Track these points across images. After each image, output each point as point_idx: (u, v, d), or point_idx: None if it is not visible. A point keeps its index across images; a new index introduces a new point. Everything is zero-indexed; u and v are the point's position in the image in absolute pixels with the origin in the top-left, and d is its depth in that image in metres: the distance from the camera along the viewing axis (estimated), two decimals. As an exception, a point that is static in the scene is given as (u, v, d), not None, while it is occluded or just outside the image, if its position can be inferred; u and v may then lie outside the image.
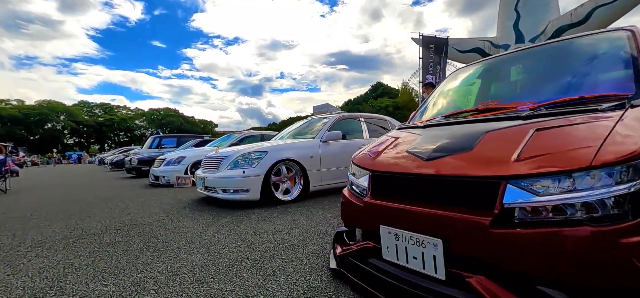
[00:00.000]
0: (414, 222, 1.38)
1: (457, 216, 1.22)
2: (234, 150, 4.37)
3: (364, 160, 1.91)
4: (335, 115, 5.23)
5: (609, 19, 31.64)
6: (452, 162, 1.38)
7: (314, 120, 5.72)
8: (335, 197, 4.59)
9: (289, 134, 5.77)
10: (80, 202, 5.25)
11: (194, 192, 5.80)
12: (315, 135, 4.80)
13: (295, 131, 5.67)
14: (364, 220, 1.73)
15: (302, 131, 5.48)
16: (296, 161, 4.31)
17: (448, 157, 1.42)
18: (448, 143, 1.54)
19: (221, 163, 4.25)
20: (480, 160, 1.30)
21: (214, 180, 4.19)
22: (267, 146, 4.29)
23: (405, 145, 1.79)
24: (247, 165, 4.05)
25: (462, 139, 1.52)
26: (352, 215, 1.87)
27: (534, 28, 37.95)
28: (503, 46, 40.19)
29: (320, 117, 5.68)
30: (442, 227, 1.27)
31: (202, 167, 4.76)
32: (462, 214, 1.21)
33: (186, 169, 7.21)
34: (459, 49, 43.49)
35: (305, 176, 4.38)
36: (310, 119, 6.01)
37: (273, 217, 3.45)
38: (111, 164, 15.76)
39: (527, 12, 38.09)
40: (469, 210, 1.24)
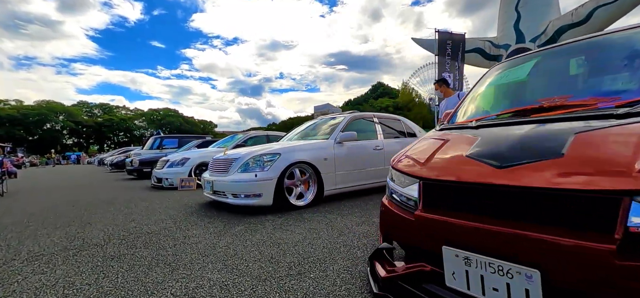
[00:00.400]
0: (496, 244, 1.12)
1: (565, 241, 0.96)
2: (244, 152, 4.10)
3: (411, 166, 1.65)
4: (348, 114, 4.97)
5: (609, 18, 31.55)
6: (538, 171, 1.12)
7: (324, 121, 5.46)
8: (350, 202, 4.33)
9: (298, 134, 5.51)
10: (81, 206, 4.97)
11: (200, 196, 5.54)
12: (329, 136, 4.54)
13: (304, 132, 5.41)
14: (416, 237, 1.46)
15: (312, 132, 5.22)
16: (310, 163, 4.05)
17: (531, 165, 1.16)
18: (524, 147, 1.28)
19: (231, 166, 3.98)
20: (582, 169, 1.04)
21: (223, 184, 3.92)
22: (279, 148, 4.02)
23: (461, 149, 1.53)
24: (259, 168, 3.79)
25: (543, 142, 1.26)
26: (398, 230, 1.62)
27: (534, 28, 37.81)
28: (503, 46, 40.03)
29: (331, 116, 5.42)
30: (540, 254, 1.01)
31: (210, 170, 4.50)
32: (571, 239, 0.95)
33: (190, 171, 6.94)
34: (460, 49, 42.92)
35: (319, 179, 4.11)
36: (320, 119, 5.75)
37: (289, 225, 3.19)
38: (111, 165, 15.47)
39: (528, 12, 37.96)
40: (574, 232, 0.99)
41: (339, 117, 5.09)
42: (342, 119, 4.86)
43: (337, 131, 4.54)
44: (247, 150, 4.25)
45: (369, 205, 4.13)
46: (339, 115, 5.19)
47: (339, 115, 5.18)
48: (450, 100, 4.33)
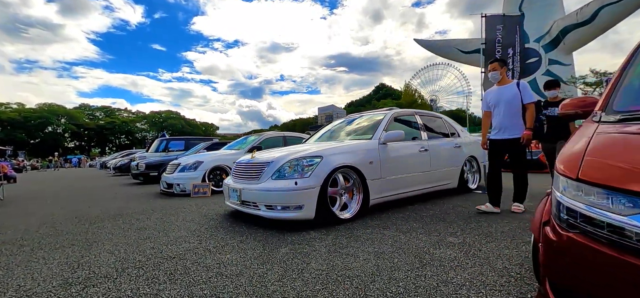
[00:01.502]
0: None
1: None
2: (278, 155, 3.45)
3: (622, 175, 1.01)
4: (389, 110, 4.32)
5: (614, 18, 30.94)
6: None
7: (354, 119, 4.82)
8: (396, 212, 3.69)
9: (324, 135, 4.88)
10: (85, 218, 4.32)
11: (218, 204, 4.88)
12: (371, 135, 3.89)
13: (330, 132, 4.79)
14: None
15: (342, 131, 4.59)
16: (355, 168, 3.41)
17: None
18: None
19: (263, 172, 3.33)
20: None
21: (254, 193, 3.27)
22: (317, 150, 3.37)
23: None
24: (298, 174, 3.14)
25: None
26: (604, 288, 0.98)
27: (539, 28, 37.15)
28: (507, 46, 38.92)
29: (367, 114, 4.78)
30: None
31: (234, 176, 3.84)
32: None
33: (204, 176, 6.28)
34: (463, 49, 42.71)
35: (364, 186, 3.47)
36: (350, 117, 5.11)
37: (345, 246, 2.54)
38: (115, 169, 14.79)
39: (532, 12, 37.35)
40: None
41: (377, 113, 4.45)
42: (382, 116, 4.22)
43: (380, 130, 3.90)
44: (280, 153, 3.60)
45: (422, 215, 3.49)
46: (378, 112, 4.54)
47: (377, 112, 4.53)
48: (505, 90, 3.54)
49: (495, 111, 3.63)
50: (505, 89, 3.56)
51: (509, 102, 3.48)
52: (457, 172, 4.71)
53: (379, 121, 4.10)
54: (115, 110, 76.87)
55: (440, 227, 3.01)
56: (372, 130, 4.05)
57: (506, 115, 3.49)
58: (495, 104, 3.60)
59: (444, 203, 4.17)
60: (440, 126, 4.85)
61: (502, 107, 3.51)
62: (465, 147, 4.93)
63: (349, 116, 5.21)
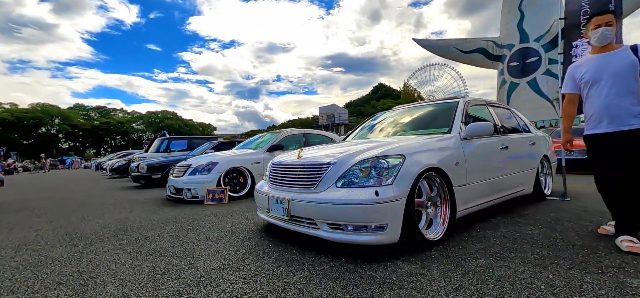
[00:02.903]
0: None
1: None
2: (340, 153, 2.55)
3: None
4: (461, 98, 3.44)
5: (615, 17, 30.42)
6: None
7: (407, 109, 3.96)
8: (485, 229, 2.82)
9: (371, 129, 4.00)
10: (78, 236, 3.37)
11: (240, 214, 3.96)
12: (449, 128, 3.01)
13: (375, 126, 3.92)
14: None
15: (394, 125, 3.72)
16: (441, 171, 2.53)
17: None
18: None
19: (323, 177, 2.43)
20: None
21: (311, 206, 2.37)
22: (397, 147, 2.48)
23: None
24: (374, 179, 2.24)
25: None
26: None
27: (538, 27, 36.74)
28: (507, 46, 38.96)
29: (424, 103, 3.91)
30: None
31: (274, 182, 2.93)
32: None
33: (219, 179, 5.35)
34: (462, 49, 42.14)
35: (451, 195, 2.60)
36: (398, 108, 4.24)
37: (473, 294, 1.66)
38: (112, 171, 13.71)
39: (532, 11, 36.93)
40: None
41: (444, 102, 3.58)
42: (453, 104, 3.34)
43: (458, 122, 3.03)
44: (338, 150, 2.69)
45: (523, 236, 2.63)
46: (449, 99, 3.65)
47: (440, 101, 3.65)
48: (613, 59, 2.35)
49: (593, 91, 2.42)
50: (614, 56, 2.37)
51: (622, 74, 2.28)
52: (533, 175, 3.86)
53: (452, 111, 3.22)
54: (111, 111, 74.90)
55: (585, 258, 2.15)
56: (444, 122, 3.18)
57: (617, 95, 2.29)
58: (595, 80, 2.40)
59: (530, 217, 3.32)
60: (512, 120, 4.00)
61: (609, 83, 2.32)
62: (538, 143, 4.09)
63: (397, 108, 4.32)
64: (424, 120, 3.57)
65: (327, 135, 7.30)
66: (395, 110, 4.20)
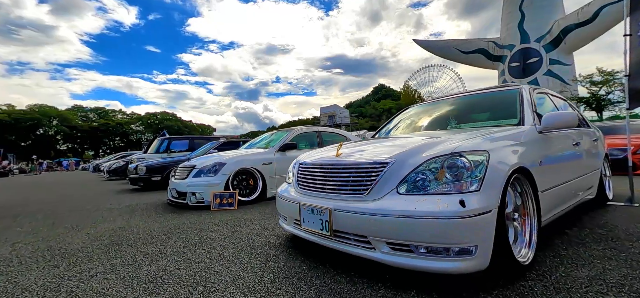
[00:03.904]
0: None
1: None
2: (398, 149, 1.94)
3: None
4: (524, 85, 2.84)
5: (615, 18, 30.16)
6: None
7: (457, 97, 3.37)
8: (572, 243, 2.24)
9: (402, 124, 3.42)
10: (61, 252, 2.75)
11: (255, 222, 3.35)
12: (519, 119, 2.42)
13: (411, 119, 3.34)
14: None
15: (441, 115, 3.13)
16: (525, 172, 1.95)
17: None
18: None
19: (378, 181, 1.82)
20: None
21: (362, 220, 1.77)
22: (473, 142, 1.88)
23: None
24: (451, 183, 1.65)
25: None
26: None
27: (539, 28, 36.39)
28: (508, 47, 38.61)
29: (471, 93, 3.32)
30: None
31: (306, 187, 2.32)
32: None
33: (227, 182, 4.73)
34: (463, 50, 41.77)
35: (537, 203, 2.01)
36: (435, 99, 3.67)
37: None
38: (109, 172, 13.03)
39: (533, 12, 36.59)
40: None
41: (502, 89, 2.99)
42: (514, 91, 2.76)
43: (529, 112, 2.44)
44: (392, 144, 2.10)
45: (626, 251, 2.04)
46: (501, 87, 3.07)
47: (500, 87, 3.04)
48: None
49: None
50: None
51: None
52: (598, 176, 3.29)
53: (515, 99, 2.64)
54: (109, 112, 73.91)
55: None
56: (507, 112, 2.60)
57: None
58: None
59: (611, 227, 2.74)
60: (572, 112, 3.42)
61: None
62: (600, 141, 3.52)
63: (433, 99, 3.74)
64: (476, 111, 2.99)
65: (342, 133, 6.71)
66: (433, 102, 3.62)
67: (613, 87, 24.33)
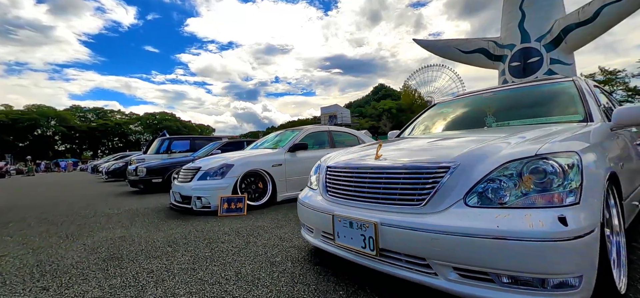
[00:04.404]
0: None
1: None
2: (468, 152, 1.58)
3: None
4: (574, 76, 2.50)
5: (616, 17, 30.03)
6: None
7: (494, 93, 3.03)
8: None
9: (432, 122, 3.07)
10: (55, 269, 2.38)
11: (269, 231, 3.00)
12: (585, 115, 2.07)
13: (441, 116, 3.00)
14: None
15: (470, 113, 2.80)
16: (615, 178, 1.60)
17: None
18: None
19: (438, 189, 1.46)
20: None
21: (420, 237, 1.41)
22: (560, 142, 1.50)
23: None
24: (538, 193, 1.29)
25: None
26: None
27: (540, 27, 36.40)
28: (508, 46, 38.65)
29: (513, 86, 2.97)
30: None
31: (338, 194, 1.95)
32: None
33: (235, 185, 4.37)
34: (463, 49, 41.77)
35: (622, 212, 1.66)
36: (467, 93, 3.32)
37: None
38: (107, 173, 12.64)
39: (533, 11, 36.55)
40: None
41: (549, 81, 2.64)
42: (567, 83, 2.42)
43: (595, 107, 2.10)
44: (446, 144, 1.75)
45: None
46: (548, 79, 2.71)
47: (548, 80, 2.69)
48: None
49: None
50: None
51: None
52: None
53: (572, 92, 2.31)
54: (108, 112, 73.23)
55: None
56: (563, 108, 2.26)
57: None
58: None
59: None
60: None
61: None
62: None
63: (464, 93, 3.39)
64: (520, 107, 2.65)
65: (353, 133, 6.36)
66: (463, 97, 3.28)
67: (615, 86, 24.13)
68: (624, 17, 33.01)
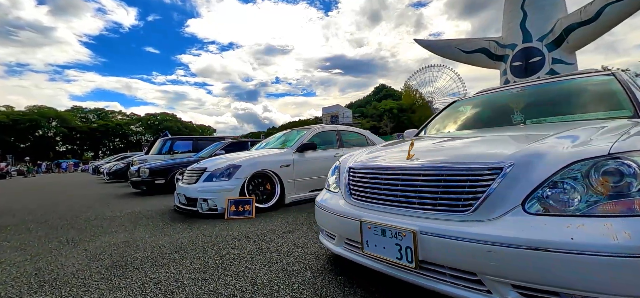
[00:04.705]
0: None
1: None
2: (523, 153, 1.39)
3: None
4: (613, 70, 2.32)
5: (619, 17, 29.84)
6: None
7: (523, 88, 2.86)
8: None
9: (455, 120, 2.89)
10: (55, 278, 2.19)
11: (283, 237, 2.80)
12: (635, 109, 1.89)
13: (466, 112, 2.81)
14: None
15: (499, 109, 2.61)
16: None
17: None
18: None
19: (490, 193, 1.26)
20: None
21: (470, 249, 1.23)
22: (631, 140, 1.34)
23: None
24: (616, 198, 1.11)
25: None
26: None
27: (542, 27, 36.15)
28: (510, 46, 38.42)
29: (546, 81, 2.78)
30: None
31: (366, 198, 1.76)
32: None
33: (242, 187, 4.18)
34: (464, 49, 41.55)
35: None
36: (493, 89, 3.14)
37: None
38: (109, 174, 12.45)
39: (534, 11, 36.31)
40: None
41: (585, 75, 2.46)
42: (606, 77, 2.24)
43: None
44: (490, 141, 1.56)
45: None
46: (583, 73, 2.52)
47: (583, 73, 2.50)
48: None
49: None
50: None
51: None
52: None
53: (614, 86, 2.12)
54: (109, 113, 73.09)
55: None
56: (606, 103, 2.09)
57: None
58: None
59: None
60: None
61: None
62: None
63: (489, 89, 3.20)
64: (553, 103, 2.46)
65: (362, 132, 6.17)
66: (489, 92, 3.09)
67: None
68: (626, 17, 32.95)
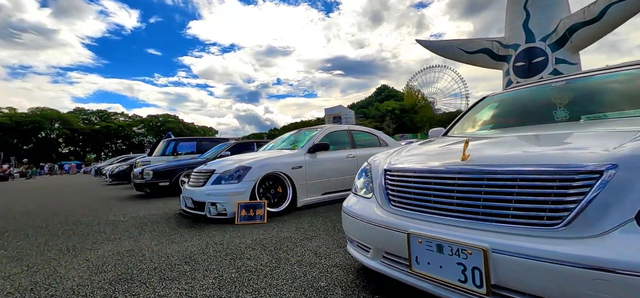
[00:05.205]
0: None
1: None
2: (626, 151, 1.15)
3: None
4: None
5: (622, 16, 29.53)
6: None
7: (570, 82, 2.60)
8: None
9: (485, 117, 2.64)
10: (53, 294, 1.94)
11: (293, 242, 2.55)
12: None
13: (503, 107, 2.56)
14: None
15: (539, 104, 2.38)
16: None
17: None
18: None
19: (585, 205, 1.02)
20: None
21: (568, 276, 0.98)
22: None
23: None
24: None
25: None
26: None
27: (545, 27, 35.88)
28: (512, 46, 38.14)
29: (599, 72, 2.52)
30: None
31: (410, 206, 1.51)
32: None
33: (253, 190, 3.93)
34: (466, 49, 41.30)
35: None
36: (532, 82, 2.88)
37: None
38: (111, 176, 12.22)
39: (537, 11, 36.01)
40: None
41: None
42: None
43: None
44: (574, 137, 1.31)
45: None
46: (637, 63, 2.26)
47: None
48: None
49: None
50: None
51: None
52: None
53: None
54: (111, 115, 73.01)
55: None
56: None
57: None
58: None
59: None
60: None
61: None
62: None
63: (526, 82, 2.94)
64: (603, 98, 2.20)
65: (374, 132, 5.91)
66: (525, 87, 2.83)
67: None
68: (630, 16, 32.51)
